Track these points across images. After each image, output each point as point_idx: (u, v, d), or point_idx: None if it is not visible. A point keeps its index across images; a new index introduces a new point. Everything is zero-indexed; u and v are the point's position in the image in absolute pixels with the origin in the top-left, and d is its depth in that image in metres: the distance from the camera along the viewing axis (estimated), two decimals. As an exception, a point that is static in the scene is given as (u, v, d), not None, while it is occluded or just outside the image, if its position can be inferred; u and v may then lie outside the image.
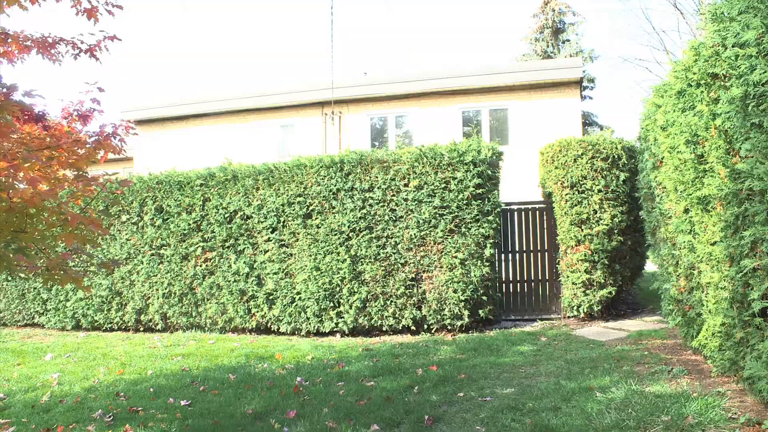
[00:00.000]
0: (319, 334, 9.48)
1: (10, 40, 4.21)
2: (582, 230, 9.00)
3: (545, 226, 9.85)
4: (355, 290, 9.01)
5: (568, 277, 9.15)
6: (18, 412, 6.09)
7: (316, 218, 9.31)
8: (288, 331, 9.52)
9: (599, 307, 9.08)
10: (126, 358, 8.35)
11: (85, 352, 8.92)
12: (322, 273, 9.15)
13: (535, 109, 16.02)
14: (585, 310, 9.07)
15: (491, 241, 8.79)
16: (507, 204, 9.82)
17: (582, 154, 9.13)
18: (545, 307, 9.85)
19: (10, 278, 11.43)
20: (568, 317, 9.49)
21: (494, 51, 60.78)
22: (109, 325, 10.79)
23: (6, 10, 3.33)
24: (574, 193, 9.11)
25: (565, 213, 9.14)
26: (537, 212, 9.88)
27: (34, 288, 11.32)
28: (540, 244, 9.88)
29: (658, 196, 6.52)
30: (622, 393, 5.15)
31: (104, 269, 4.26)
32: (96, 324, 10.89)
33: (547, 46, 35.05)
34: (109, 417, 5.65)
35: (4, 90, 3.65)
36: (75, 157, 4.00)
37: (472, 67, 16.33)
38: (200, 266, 9.99)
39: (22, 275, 3.53)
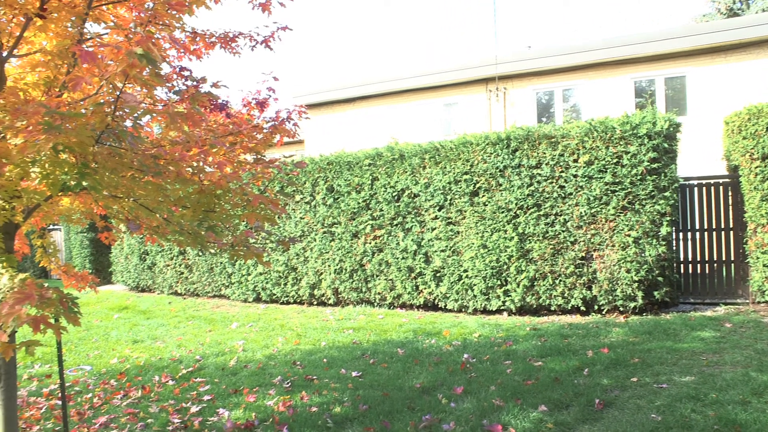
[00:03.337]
0: (485, 311, 9.47)
1: (198, 39, 4.57)
2: (775, 206, 8.17)
3: (730, 203, 9.05)
4: (523, 268, 8.88)
5: (758, 258, 8.36)
6: (211, 373, 6.72)
7: (482, 196, 9.26)
8: (454, 309, 9.61)
9: (795, 292, 8.22)
10: (301, 329, 8.88)
11: (265, 322, 9.60)
12: (489, 251, 9.11)
13: (717, 74, 14.67)
14: (778, 294, 8.25)
15: (668, 218, 8.24)
16: (685, 179, 9.15)
17: (775, 122, 8.25)
18: (729, 290, 9.09)
19: (201, 254, 12.56)
20: (758, 303, 8.68)
21: (669, 13, 56.36)
22: (285, 299, 11.51)
23: (195, 11, 3.61)
24: (766, 166, 8.28)
25: (755, 188, 8.34)
26: (720, 187, 9.10)
27: (221, 263, 12.35)
28: (723, 222, 9.10)
29: None
30: (828, 389, 4.64)
31: (282, 246, 4.55)
32: (274, 297, 11.67)
33: (733, 2, 31.84)
34: (287, 383, 6.05)
35: (195, 83, 3.99)
36: (254, 141, 4.29)
37: (644, 32, 15.24)
38: (369, 243, 10.33)
39: (212, 251, 3.85)
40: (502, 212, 9.04)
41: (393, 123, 18.42)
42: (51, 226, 18.36)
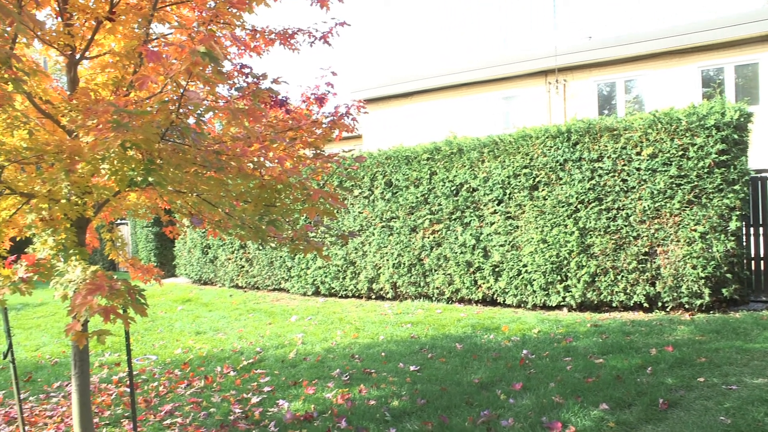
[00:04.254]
0: (545, 307, 9.34)
1: (258, 35, 4.66)
2: None
3: (805, 196, 8.65)
4: (584, 264, 8.71)
5: (834, 253, 7.98)
6: (271, 365, 6.85)
7: (542, 190, 9.12)
8: (513, 304, 9.51)
9: None
10: (359, 323, 8.94)
11: (324, 316, 9.71)
12: (548, 245, 8.98)
13: (793, 62, 14.01)
14: None
15: (737, 213, 7.94)
16: (757, 171, 8.79)
17: None
18: (805, 287, 8.70)
19: (261, 247, 12.78)
20: (835, 299, 8.29)
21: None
22: (344, 292, 11.61)
23: (255, 9, 3.68)
24: (843, 158, 7.88)
25: (832, 180, 7.95)
26: (795, 180, 8.71)
27: (281, 257, 12.54)
28: (799, 216, 8.71)
29: None
30: None
31: (340, 240, 4.59)
32: (332, 291, 11.79)
33: (810, -12, 30.30)
34: (346, 376, 6.11)
35: (255, 80, 4.06)
36: (313, 136, 4.34)
37: (712, 18, 14.66)
38: (428, 238, 10.32)
39: (272, 245, 3.92)
40: (563, 206, 8.89)
41: (451, 117, 18.33)
42: (119, 221, 19.02)
